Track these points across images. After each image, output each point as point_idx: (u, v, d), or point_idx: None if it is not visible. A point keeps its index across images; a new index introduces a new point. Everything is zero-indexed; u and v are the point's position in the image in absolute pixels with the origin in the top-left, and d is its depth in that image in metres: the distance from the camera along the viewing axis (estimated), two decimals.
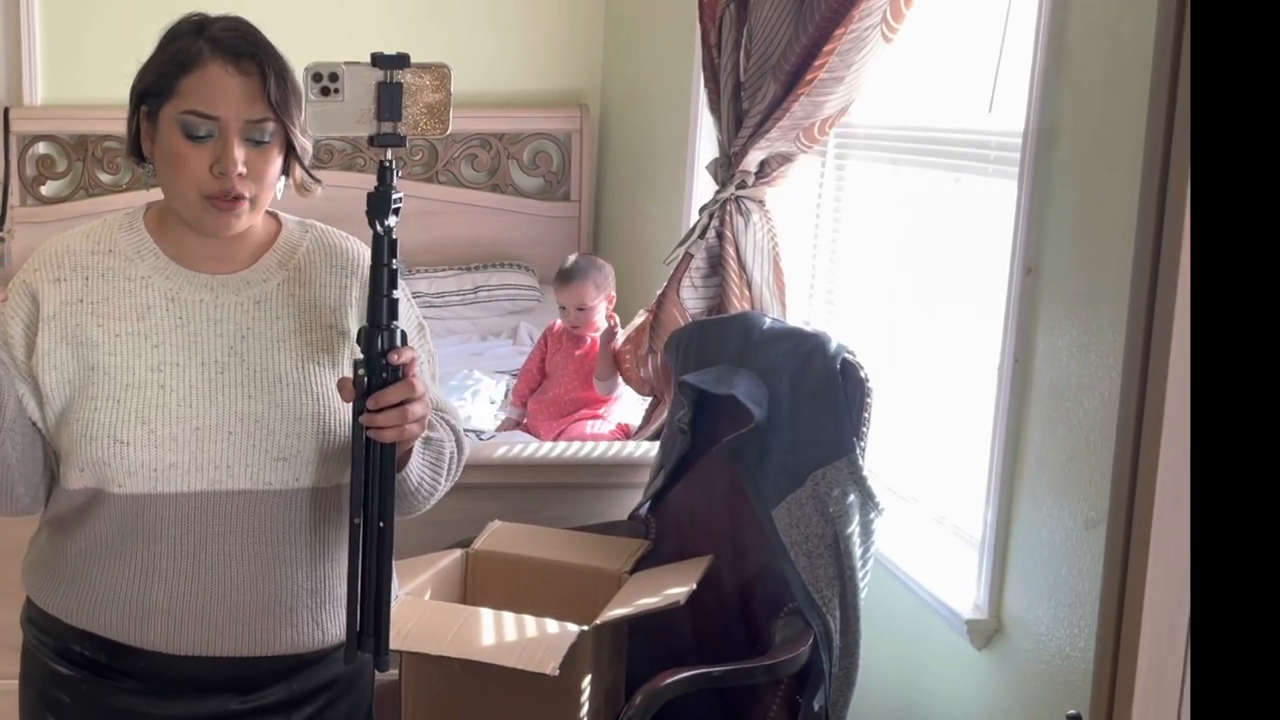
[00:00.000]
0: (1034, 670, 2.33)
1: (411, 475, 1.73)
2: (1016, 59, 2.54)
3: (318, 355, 1.72)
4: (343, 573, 1.72)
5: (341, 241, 1.81)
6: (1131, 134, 2.07)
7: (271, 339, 1.71)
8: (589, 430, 3.64)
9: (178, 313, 1.69)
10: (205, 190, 1.63)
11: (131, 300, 1.69)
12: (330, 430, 1.70)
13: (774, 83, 2.97)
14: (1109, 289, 2.13)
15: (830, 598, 2.55)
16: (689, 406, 2.85)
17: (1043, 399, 2.32)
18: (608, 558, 2.80)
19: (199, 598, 1.68)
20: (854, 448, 2.58)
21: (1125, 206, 2.08)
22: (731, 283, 3.25)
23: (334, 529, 1.74)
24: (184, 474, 1.66)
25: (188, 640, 1.68)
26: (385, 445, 1.62)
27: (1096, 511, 2.15)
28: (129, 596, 1.68)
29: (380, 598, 1.65)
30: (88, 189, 5.04)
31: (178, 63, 1.63)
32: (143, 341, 1.68)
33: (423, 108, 1.57)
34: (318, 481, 1.70)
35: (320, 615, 1.74)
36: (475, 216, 5.25)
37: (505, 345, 4.82)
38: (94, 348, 1.67)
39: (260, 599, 1.70)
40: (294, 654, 1.73)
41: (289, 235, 1.78)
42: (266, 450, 1.68)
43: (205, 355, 1.68)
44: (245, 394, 1.68)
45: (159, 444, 1.65)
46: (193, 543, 1.67)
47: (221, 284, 1.71)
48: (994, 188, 2.63)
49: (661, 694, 2.32)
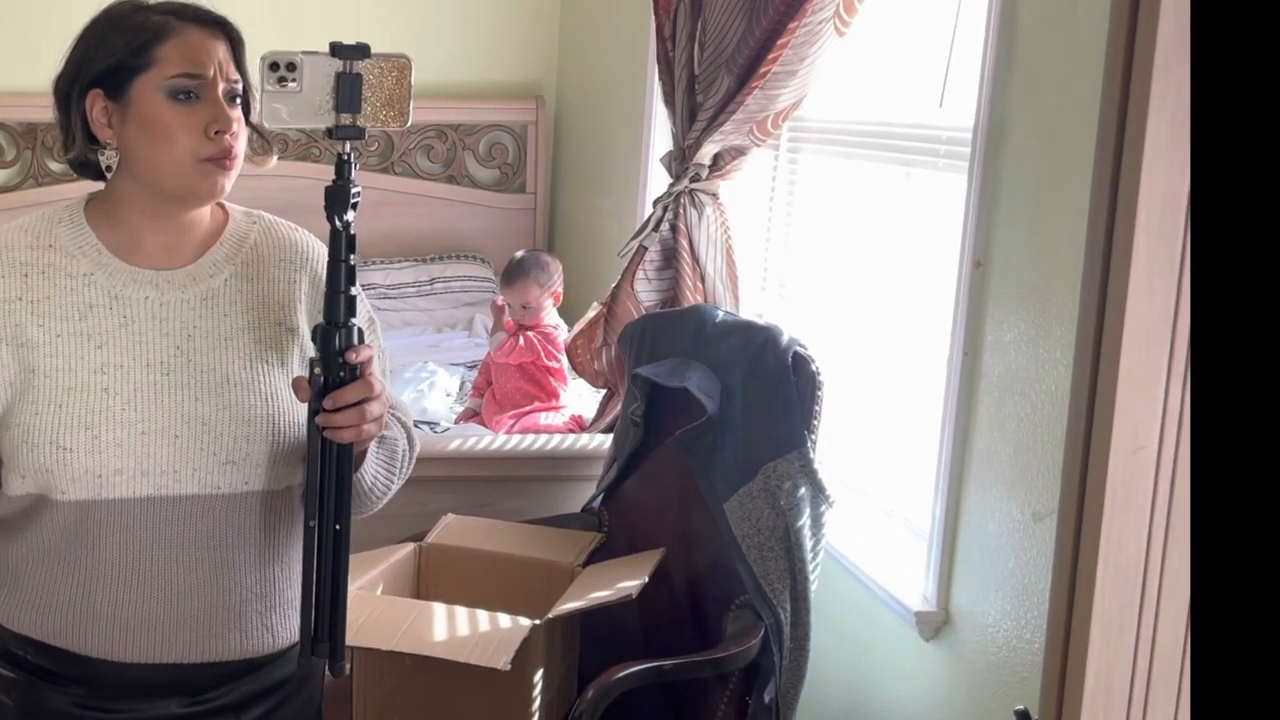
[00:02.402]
0: (981, 662, 2.35)
1: (366, 475, 1.70)
2: (967, 54, 2.56)
3: (267, 354, 1.68)
4: (293, 576, 1.69)
5: (290, 234, 1.77)
6: (1081, 128, 2.09)
7: (219, 337, 1.66)
8: (542, 422, 3.64)
9: (121, 311, 1.63)
10: (201, 153, 1.59)
11: (73, 298, 1.63)
12: (281, 432, 1.66)
13: (728, 76, 2.98)
14: (1057, 283, 2.15)
15: (781, 590, 2.56)
16: (642, 399, 2.85)
17: (991, 392, 2.33)
18: (560, 551, 2.80)
19: (145, 604, 1.64)
20: (805, 441, 2.59)
21: (1074, 200, 2.10)
22: (685, 275, 3.25)
23: (284, 532, 1.70)
24: (129, 479, 1.61)
25: (133, 647, 1.64)
26: (342, 446, 1.58)
27: (1043, 504, 2.17)
28: (72, 603, 1.64)
29: (335, 602, 1.61)
30: (37, 178, 4.97)
31: (149, 34, 1.59)
32: (85, 342, 1.62)
33: (382, 100, 1.53)
34: (268, 484, 1.66)
35: (270, 619, 1.71)
36: (431, 208, 5.23)
37: (461, 337, 4.80)
38: (34, 349, 1.61)
39: (208, 605, 1.66)
40: (243, 659, 1.70)
41: (236, 226, 1.73)
42: (215, 454, 1.63)
43: (150, 356, 1.63)
44: (192, 396, 1.63)
45: (103, 449, 1.60)
46: (138, 549, 1.63)
47: (167, 280, 1.66)
48: (944, 181, 2.65)
49: (613, 687, 2.32)
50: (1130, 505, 0.84)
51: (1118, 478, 0.84)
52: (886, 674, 2.69)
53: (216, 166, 1.60)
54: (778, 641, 2.54)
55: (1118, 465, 0.84)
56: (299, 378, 1.60)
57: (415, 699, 2.45)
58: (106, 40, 1.61)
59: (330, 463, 1.59)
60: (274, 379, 1.67)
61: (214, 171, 1.60)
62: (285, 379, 1.67)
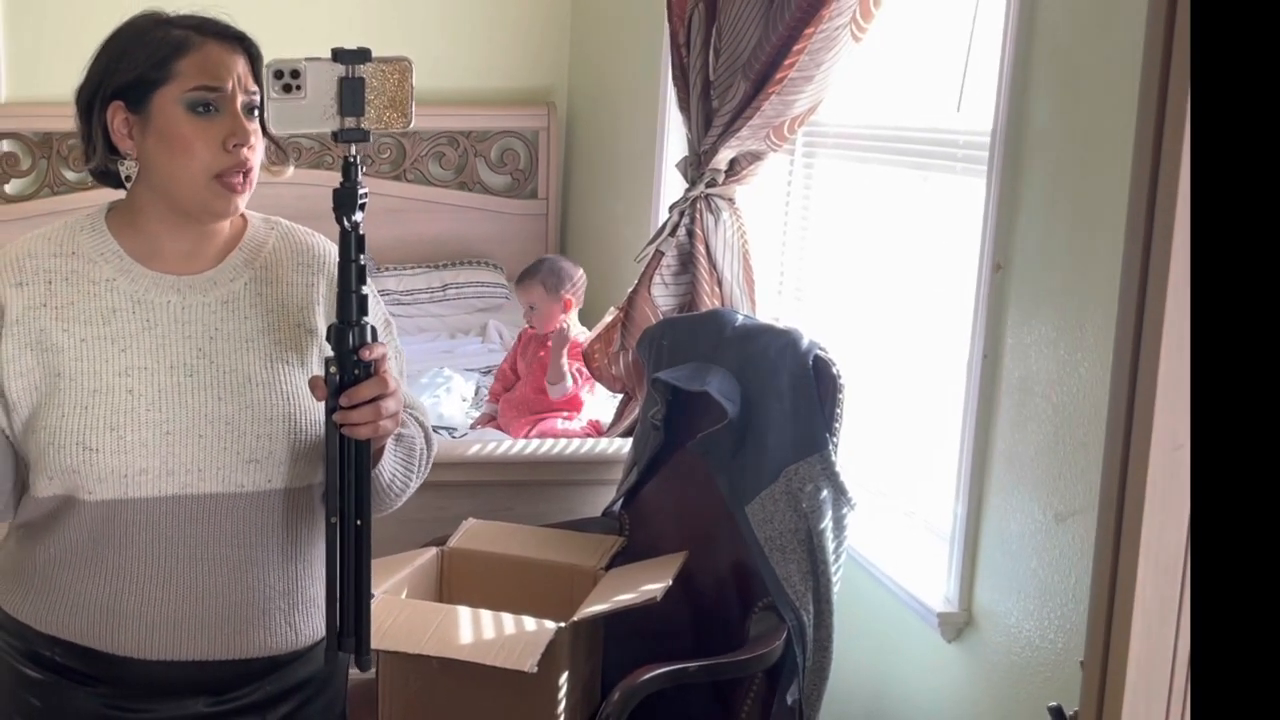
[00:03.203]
0: (1004, 662, 2.36)
1: (384, 472, 1.73)
2: (984, 58, 2.57)
3: (287, 354, 1.71)
4: (316, 573, 1.71)
5: (307, 239, 1.80)
6: (1101, 129, 2.10)
7: (240, 339, 1.69)
8: (560, 427, 3.66)
9: (144, 315, 1.67)
10: (216, 168, 1.62)
11: (96, 304, 1.66)
12: (302, 430, 1.69)
13: (744, 81, 2.99)
14: (1079, 284, 2.16)
15: (804, 592, 2.57)
16: (662, 403, 2.86)
17: (1012, 394, 2.35)
18: (582, 554, 2.82)
19: (171, 602, 1.66)
20: (827, 443, 2.60)
21: (1095, 202, 2.11)
22: (702, 280, 3.27)
23: (307, 529, 1.73)
24: (154, 479, 1.63)
25: (159, 645, 1.67)
26: (360, 442, 1.61)
27: (1066, 505, 2.18)
28: (99, 602, 1.66)
29: (360, 597, 1.64)
30: (53, 186, 5.00)
31: (169, 48, 1.62)
32: (109, 345, 1.65)
33: (385, 101, 1.56)
34: (290, 482, 1.69)
35: (294, 617, 1.73)
36: (443, 214, 5.25)
37: (475, 343, 4.82)
38: (59, 353, 1.64)
39: (233, 602, 1.68)
40: (267, 656, 1.72)
41: (255, 233, 1.77)
42: (238, 452, 1.66)
43: (173, 358, 1.66)
44: (215, 396, 1.66)
45: (128, 450, 1.62)
46: (164, 547, 1.65)
47: (188, 285, 1.69)
48: (962, 185, 2.66)
49: (639, 690, 2.33)
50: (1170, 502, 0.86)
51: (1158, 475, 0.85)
52: (909, 675, 2.70)
53: (229, 189, 1.63)
54: (800, 643, 2.55)
55: (1158, 462, 0.85)
56: (315, 377, 1.62)
57: (441, 702, 2.46)
58: (128, 53, 1.64)
59: (349, 459, 1.61)
60: (294, 378, 1.70)
61: (227, 194, 1.64)
62: (305, 378, 1.69)
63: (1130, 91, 0.93)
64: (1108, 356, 2.07)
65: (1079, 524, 2.15)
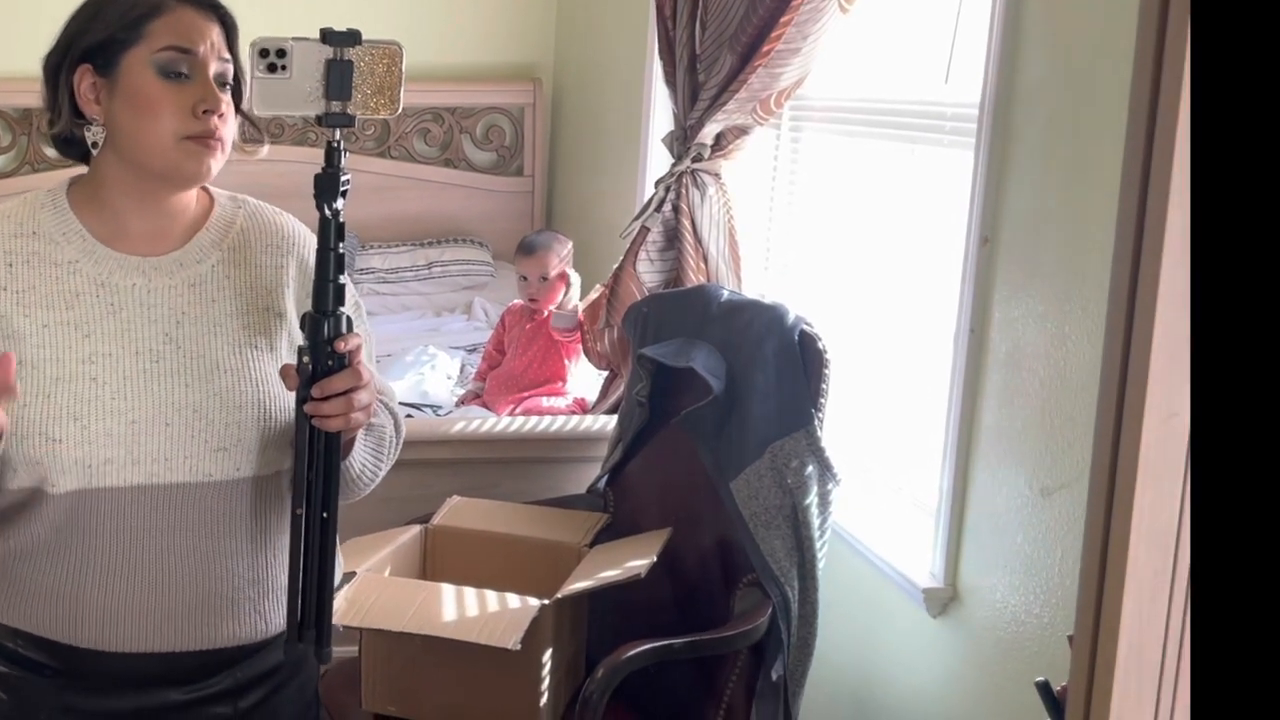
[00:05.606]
0: (989, 637, 2.35)
1: (355, 463, 1.70)
2: (972, 30, 2.55)
3: (256, 339, 1.66)
4: (284, 562, 1.67)
5: (276, 218, 1.75)
6: (1091, 100, 2.08)
7: (208, 323, 1.64)
8: (545, 404, 3.64)
9: (108, 299, 1.61)
10: (185, 131, 1.56)
11: (59, 287, 1.60)
12: (271, 417, 1.65)
13: (730, 55, 2.97)
14: (1065, 259, 2.15)
15: (789, 568, 2.56)
16: (647, 379, 2.85)
17: (999, 368, 2.33)
18: (567, 531, 2.80)
19: (136, 593, 1.62)
20: (812, 419, 2.59)
21: (1084, 174, 2.10)
22: (688, 256, 3.25)
23: (275, 517, 1.69)
24: (120, 469, 1.58)
25: (125, 636, 1.63)
26: (330, 434, 1.57)
27: (1052, 479, 2.17)
28: (63, 594, 1.62)
29: (322, 588, 1.60)
30: (33, 164, 4.95)
31: (142, 8, 1.58)
32: (72, 331, 1.59)
33: (373, 87, 1.51)
34: (259, 470, 1.65)
35: (263, 605, 1.69)
36: (428, 191, 5.22)
37: (460, 320, 4.80)
38: (21, 340, 1.57)
39: (201, 592, 1.64)
40: (236, 645, 1.69)
41: (222, 211, 1.71)
42: (206, 441, 1.61)
43: (139, 344, 1.61)
44: (182, 383, 1.61)
45: (93, 440, 1.57)
46: (130, 538, 1.61)
47: (153, 267, 1.63)
48: (950, 158, 2.64)
49: (624, 666, 2.32)
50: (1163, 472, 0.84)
51: (1152, 443, 0.84)
52: (894, 651, 2.70)
53: (202, 146, 1.57)
54: (785, 619, 2.55)
55: (1152, 431, 0.84)
56: (287, 365, 1.58)
57: (424, 680, 2.45)
58: (100, 15, 1.60)
59: (318, 451, 1.57)
60: (263, 364, 1.66)
61: (200, 151, 1.58)
62: (274, 364, 1.65)
63: (1124, 49, 0.92)
64: (1096, 331, 2.06)
65: (1065, 498, 2.14)
